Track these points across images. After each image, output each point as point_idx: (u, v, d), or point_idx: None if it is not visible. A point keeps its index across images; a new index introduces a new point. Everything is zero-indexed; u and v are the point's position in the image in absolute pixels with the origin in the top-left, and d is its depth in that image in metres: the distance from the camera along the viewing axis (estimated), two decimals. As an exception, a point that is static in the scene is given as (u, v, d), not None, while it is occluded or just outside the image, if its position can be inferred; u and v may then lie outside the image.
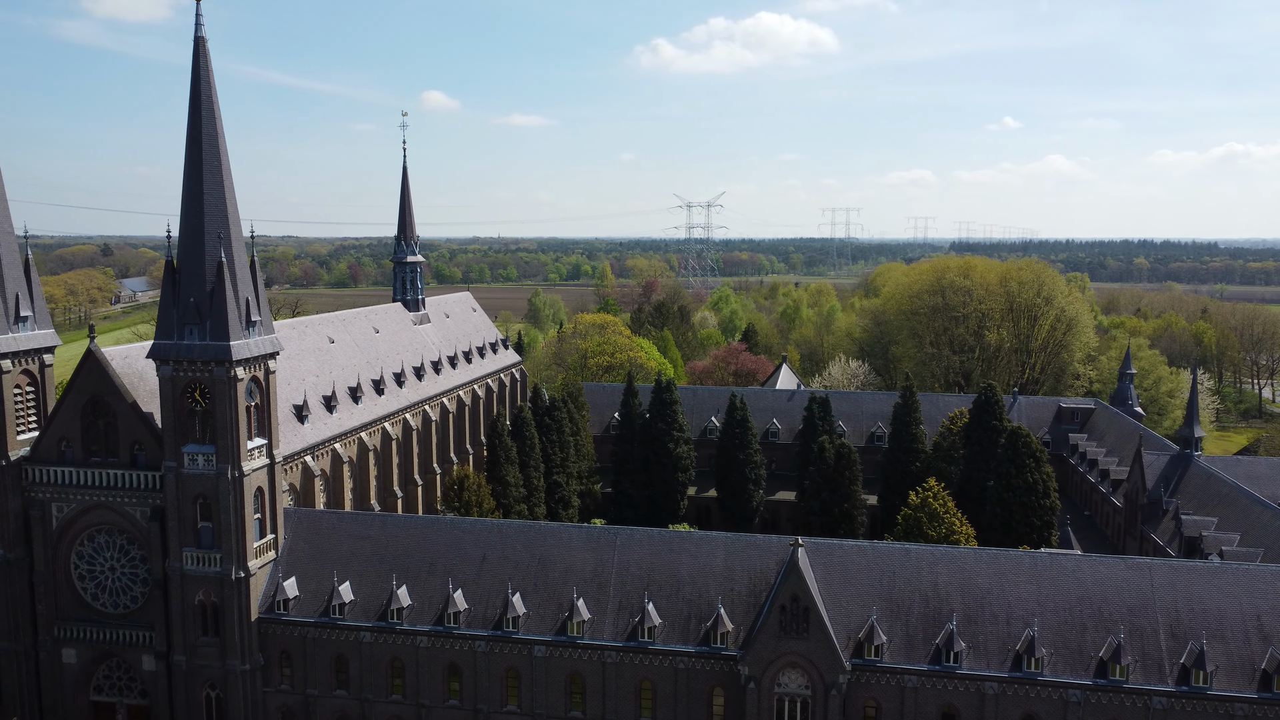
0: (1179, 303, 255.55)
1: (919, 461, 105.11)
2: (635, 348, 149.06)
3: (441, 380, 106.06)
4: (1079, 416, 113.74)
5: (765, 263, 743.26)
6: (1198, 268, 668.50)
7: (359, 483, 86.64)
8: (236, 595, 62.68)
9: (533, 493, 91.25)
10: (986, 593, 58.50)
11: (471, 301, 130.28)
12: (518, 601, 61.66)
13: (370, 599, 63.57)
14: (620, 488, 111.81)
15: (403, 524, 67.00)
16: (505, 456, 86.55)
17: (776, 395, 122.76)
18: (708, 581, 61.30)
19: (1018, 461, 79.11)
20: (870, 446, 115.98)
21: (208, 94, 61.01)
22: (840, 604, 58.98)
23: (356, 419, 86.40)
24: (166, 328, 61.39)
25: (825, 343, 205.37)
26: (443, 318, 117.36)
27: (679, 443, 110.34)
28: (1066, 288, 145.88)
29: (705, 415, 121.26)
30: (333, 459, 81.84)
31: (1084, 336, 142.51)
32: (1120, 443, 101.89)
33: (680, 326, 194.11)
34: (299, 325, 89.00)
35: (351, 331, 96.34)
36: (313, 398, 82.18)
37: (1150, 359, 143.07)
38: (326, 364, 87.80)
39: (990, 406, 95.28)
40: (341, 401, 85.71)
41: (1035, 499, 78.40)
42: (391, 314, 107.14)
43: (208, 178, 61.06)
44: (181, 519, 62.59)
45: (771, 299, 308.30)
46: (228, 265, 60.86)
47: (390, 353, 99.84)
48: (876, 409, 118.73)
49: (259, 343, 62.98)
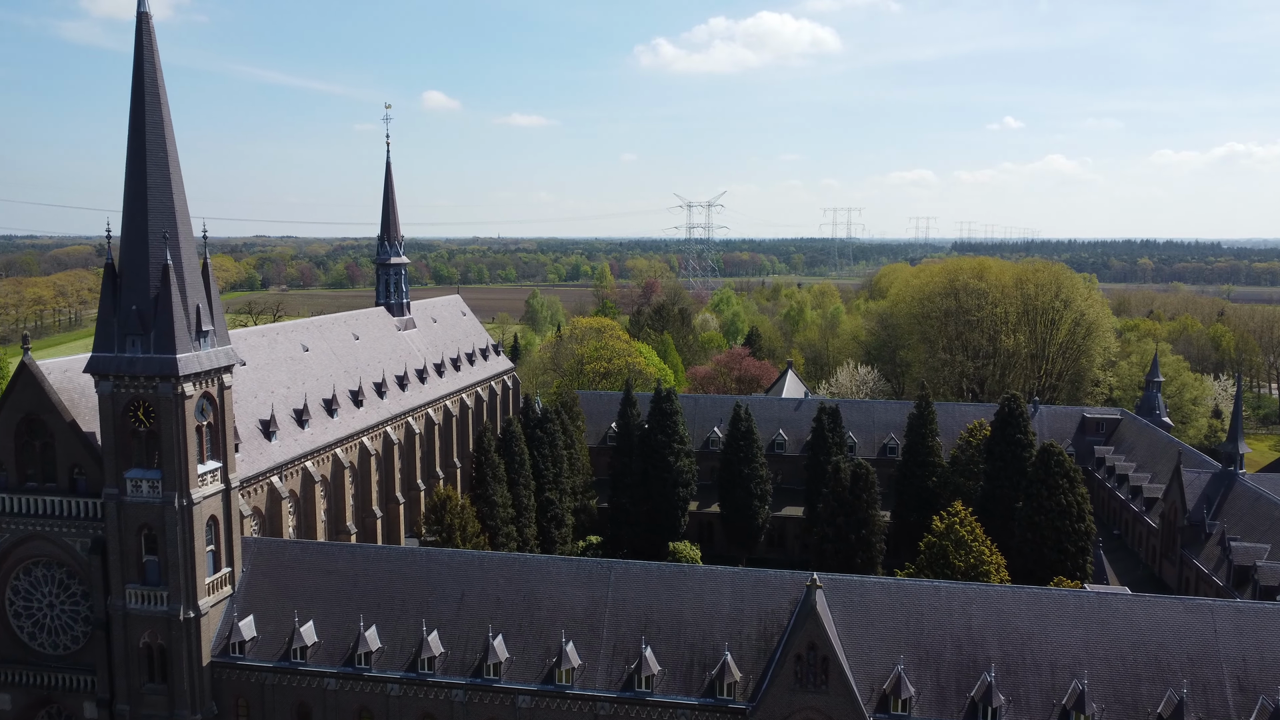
0: (1192, 304, 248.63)
1: (935, 476, 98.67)
2: (634, 353, 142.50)
3: (427, 389, 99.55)
4: (1104, 427, 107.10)
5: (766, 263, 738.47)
6: (1203, 268, 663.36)
7: (334, 503, 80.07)
8: (186, 637, 56.09)
9: (522, 512, 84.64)
10: (1028, 638, 51.92)
11: (461, 305, 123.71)
12: (500, 645, 55.06)
13: (336, 641, 56.97)
14: (617, 503, 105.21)
15: (373, 556, 60.38)
16: (492, 474, 79.95)
17: (783, 404, 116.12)
18: (713, 623, 54.71)
19: (1050, 482, 72.48)
20: (883, 459, 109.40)
21: (152, 76, 54.42)
22: (862, 651, 52.39)
23: (331, 434, 79.84)
24: (106, 339, 54.80)
25: (830, 346, 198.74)
26: (429, 322, 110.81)
27: (680, 456, 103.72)
28: (1085, 290, 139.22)
29: (707, 425, 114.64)
30: (303, 479, 75.26)
31: (1104, 341, 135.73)
32: (1152, 457, 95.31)
33: (681, 329, 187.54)
34: (269, 333, 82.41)
35: (329, 338, 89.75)
36: (282, 412, 75.62)
37: (1173, 365, 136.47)
38: (299, 374, 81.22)
39: (1014, 418, 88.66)
40: (314, 415, 79.14)
41: (1069, 523, 71.78)
42: (373, 319, 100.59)
43: (152, 171, 54.46)
44: (124, 552, 55.99)
45: (774, 300, 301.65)
46: (175, 269, 54.26)
47: (371, 361, 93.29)
48: (889, 419, 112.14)
49: (211, 355, 56.37)
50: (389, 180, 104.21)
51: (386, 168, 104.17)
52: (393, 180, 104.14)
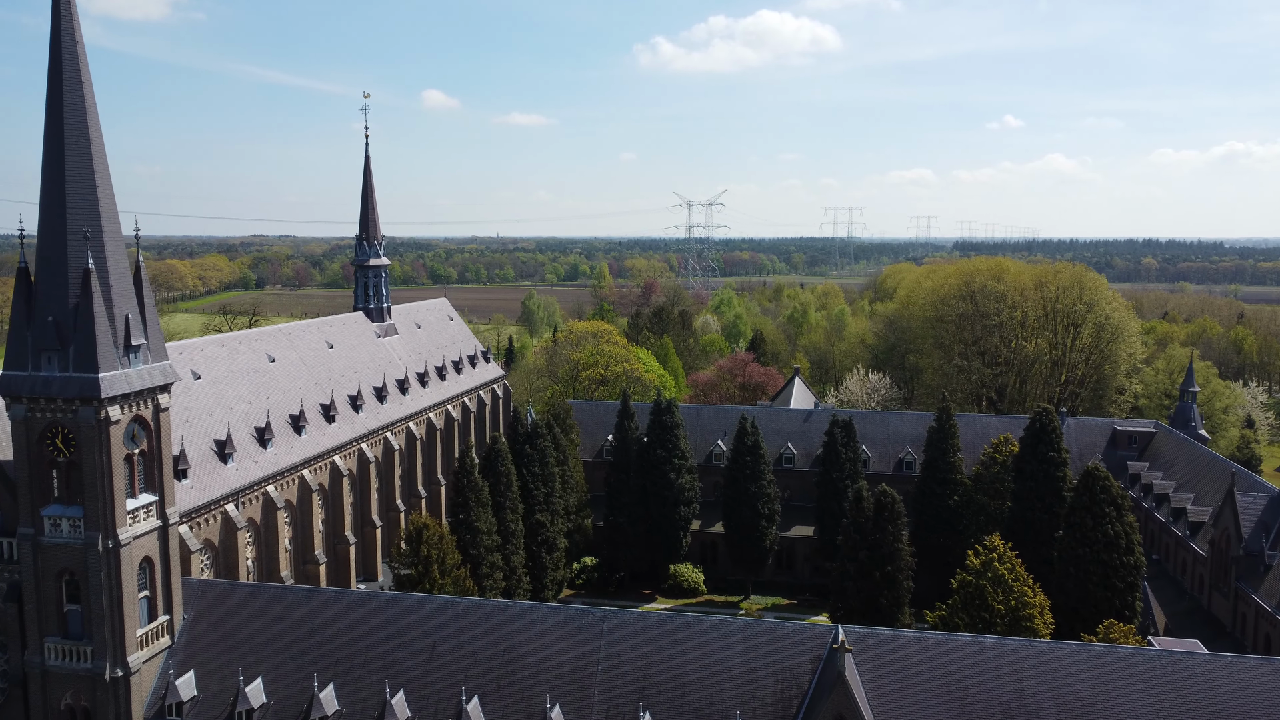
0: (1208, 306, 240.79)
1: (957, 495, 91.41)
2: (632, 358, 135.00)
3: (409, 401, 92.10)
4: (1137, 441, 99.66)
5: (767, 262, 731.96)
6: (1208, 268, 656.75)
7: (300, 531, 72.62)
8: (113, 699, 48.63)
9: (509, 538, 77.20)
10: (1089, 705, 44.47)
11: (448, 308, 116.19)
12: (475, 709, 47.62)
13: (288, 701, 49.49)
14: (614, 522, 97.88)
15: (333, 601, 52.87)
16: (474, 498, 72.46)
17: (791, 416, 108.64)
18: (721, 684, 47.28)
19: (1095, 510, 64.99)
20: (899, 475, 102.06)
21: (71, 51, 46.93)
22: (897, 718, 44.96)
23: (298, 453, 72.39)
24: (19, 355, 47.30)
25: (836, 349, 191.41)
26: (412, 328, 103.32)
27: (681, 472, 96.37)
28: (1110, 292, 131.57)
29: (710, 438, 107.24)
30: (265, 505, 67.82)
31: (1130, 346, 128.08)
32: (1193, 475, 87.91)
33: (681, 333, 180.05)
34: (229, 342, 74.90)
35: (298, 347, 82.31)
36: (241, 431, 68.17)
37: (1202, 371, 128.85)
38: (263, 388, 73.78)
39: (1046, 434, 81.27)
40: (279, 434, 71.69)
41: (1117, 556, 64.30)
42: (350, 325, 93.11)
43: (72, 161, 47.00)
44: (42, 601, 48.60)
45: (776, 301, 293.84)
46: (97, 274, 46.82)
47: (346, 371, 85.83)
48: (905, 431, 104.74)
49: (143, 373, 48.90)
50: (368, 176, 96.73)
51: (365, 162, 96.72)
52: (372, 176, 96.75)
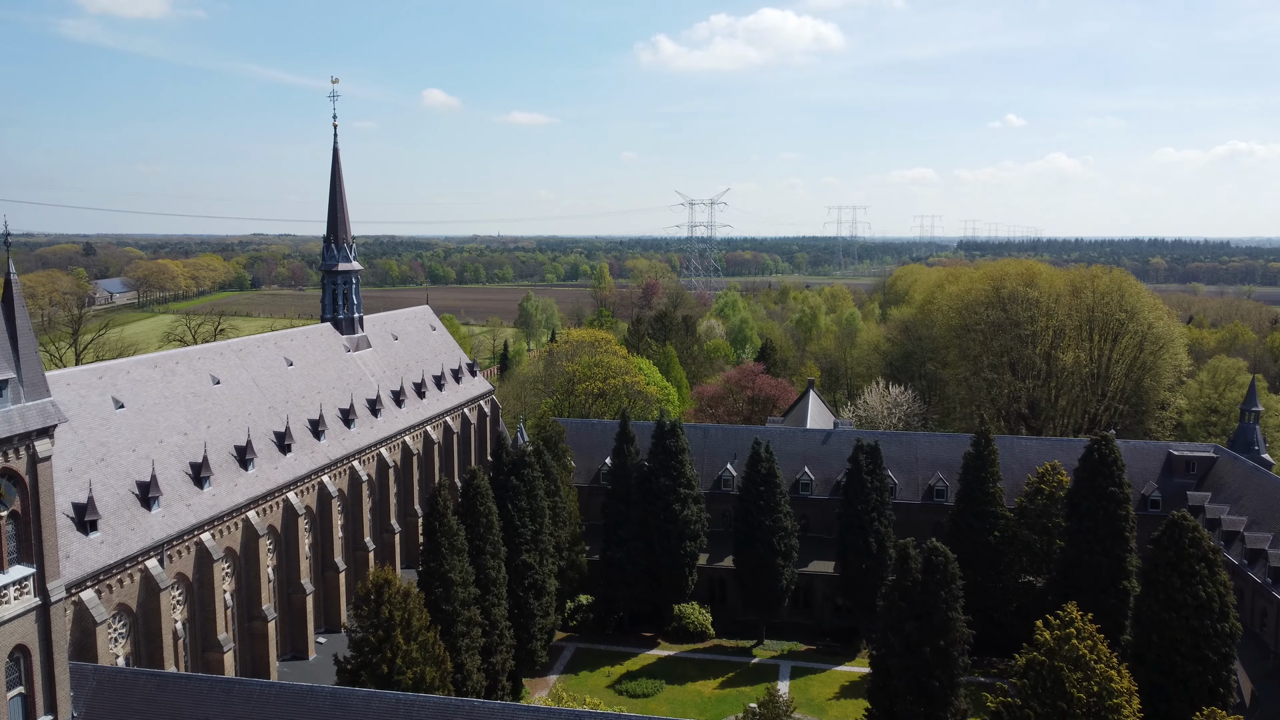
0: (1236, 309, 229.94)
1: (998, 530, 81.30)
2: (632, 369, 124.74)
3: (381, 424, 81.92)
4: (1196, 467, 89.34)
5: (769, 262, 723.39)
6: (1217, 268, 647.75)
7: (245, 583, 62.36)
8: (-26, 828, 38.55)
9: (490, 587, 66.92)
10: None
11: (430, 317, 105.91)
12: (431, 845, 37.49)
13: (197, 829, 39.40)
14: (612, 557, 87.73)
15: (257, 697, 42.67)
16: (448, 544, 62.18)
17: (808, 438, 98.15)
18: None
19: (1184, 567, 54.68)
20: (928, 504, 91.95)
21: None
22: None
23: (243, 492, 62.15)
24: None
25: (848, 357, 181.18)
26: (388, 340, 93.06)
27: (687, 502, 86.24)
28: (1153, 299, 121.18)
29: (719, 461, 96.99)
30: (198, 557, 57.58)
31: (1176, 358, 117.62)
32: (1264, 508, 77.68)
33: (685, 339, 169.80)
34: (164, 363, 64.52)
35: (250, 366, 72.04)
36: (171, 469, 57.93)
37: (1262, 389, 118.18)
38: (202, 416, 63.52)
39: (1105, 466, 71.14)
40: (220, 470, 61.47)
41: (1210, 623, 54.03)
42: (315, 338, 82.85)
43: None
44: (-117, 705, 38.50)
45: (782, 304, 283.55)
46: (-54, 291, 36.72)
47: (307, 392, 75.61)
48: (935, 455, 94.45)
49: (11, 416, 38.73)
50: (336, 171, 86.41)
51: (334, 155, 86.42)
52: (341, 171, 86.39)
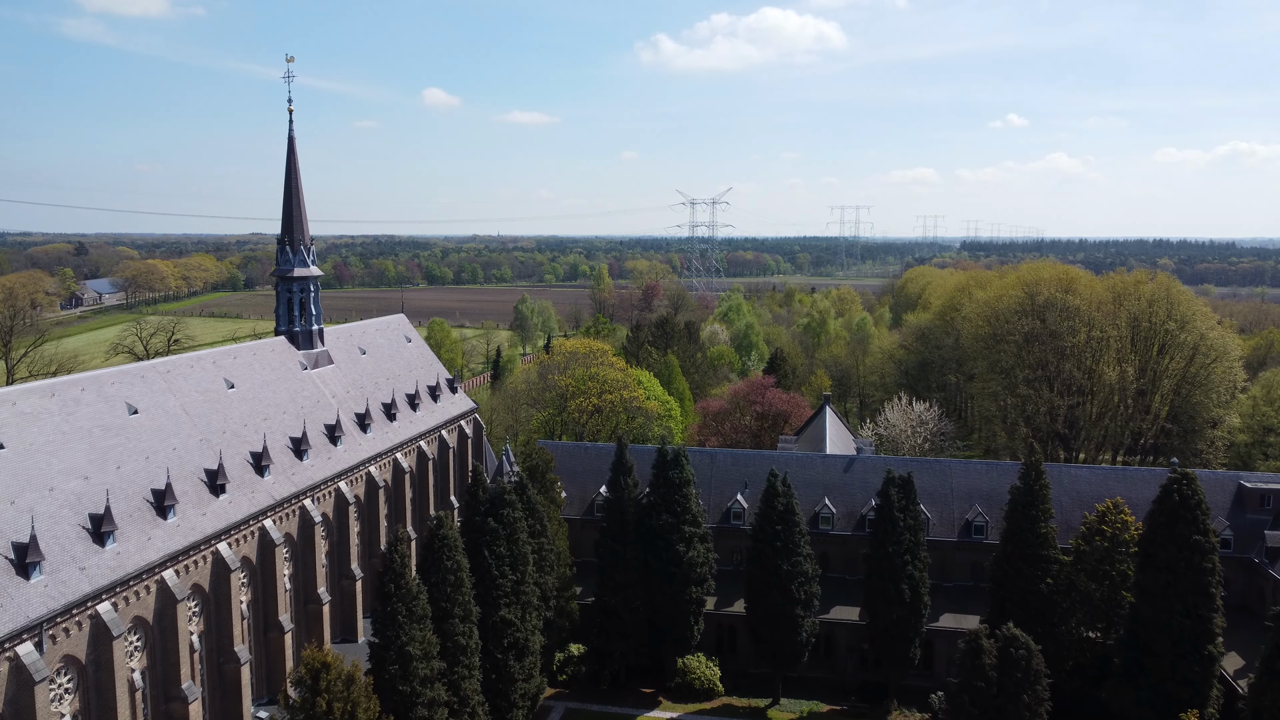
0: (1265, 313, 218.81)
1: (1051, 577, 70.51)
2: (630, 383, 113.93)
3: (341, 454, 71.06)
4: (1272, 502, 78.64)
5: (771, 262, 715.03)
6: (1226, 269, 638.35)
7: (159, 657, 51.40)
8: None
9: (460, 657, 56.13)
10: None
11: (405, 327, 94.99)
12: None
13: None
14: (607, 602, 77.01)
15: None
16: (406, 611, 51.36)
17: (828, 465, 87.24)
18: None
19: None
20: (965, 542, 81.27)
21: None
22: None
23: (157, 548, 51.25)
24: None
25: (861, 365, 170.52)
26: (354, 355, 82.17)
27: (692, 542, 75.60)
28: (1205, 308, 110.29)
29: (728, 491, 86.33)
30: (94, 632, 46.66)
31: (1231, 372, 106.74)
32: (1363, 554, 67.02)
33: (687, 346, 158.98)
34: (66, 389, 53.42)
35: (179, 390, 61.05)
36: (62, 524, 47.05)
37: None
38: (110, 455, 52.61)
39: (1189, 509, 60.39)
40: (128, 521, 50.57)
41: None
42: (264, 356, 71.89)
43: None
44: None
45: (787, 307, 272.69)
46: None
47: (250, 419, 64.71)
48: (972, 485, 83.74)
49: None
50: (292, 163, 75.36)
51: (289, 145, 75.21)
52: (297, 164, 75.46)
